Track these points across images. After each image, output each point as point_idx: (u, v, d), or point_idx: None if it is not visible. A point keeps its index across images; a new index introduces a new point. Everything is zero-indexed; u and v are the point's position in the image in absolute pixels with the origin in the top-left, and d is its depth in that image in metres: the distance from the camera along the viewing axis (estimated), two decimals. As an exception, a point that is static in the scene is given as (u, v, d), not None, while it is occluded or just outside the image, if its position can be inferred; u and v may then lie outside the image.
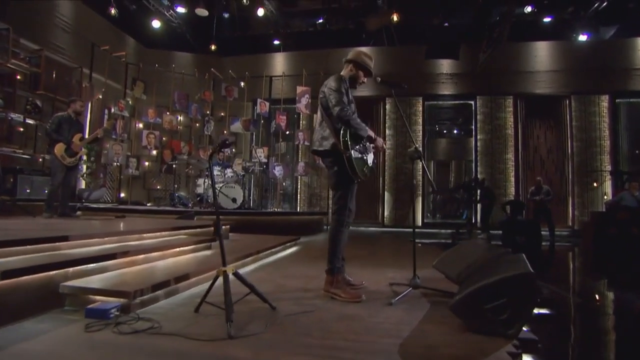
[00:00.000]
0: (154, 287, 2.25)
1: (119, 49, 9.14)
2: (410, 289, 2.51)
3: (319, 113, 2.62)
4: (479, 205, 9.31)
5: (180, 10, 10.43)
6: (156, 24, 10.35)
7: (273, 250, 4.49)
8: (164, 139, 9.47)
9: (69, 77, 7.34)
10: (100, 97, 8.74)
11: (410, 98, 10.55)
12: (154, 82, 9.13)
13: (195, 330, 1.76)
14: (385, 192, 10.61)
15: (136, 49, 10.97)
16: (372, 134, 2.53)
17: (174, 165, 8.44)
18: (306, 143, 8.97)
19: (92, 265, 2.29)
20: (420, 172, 10.58)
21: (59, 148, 4.70)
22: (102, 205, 6.98)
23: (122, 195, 9.62)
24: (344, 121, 2.39)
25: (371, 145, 2.65)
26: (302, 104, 9.06)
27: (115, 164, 8.35)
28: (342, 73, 2.62)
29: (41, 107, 6.59)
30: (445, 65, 10.39)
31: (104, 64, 8.25)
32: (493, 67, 9.89)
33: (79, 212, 6.46)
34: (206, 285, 2.12)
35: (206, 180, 7.56)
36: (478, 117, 10.25)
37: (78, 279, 2.18)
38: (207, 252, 3.70)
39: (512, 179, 9.92)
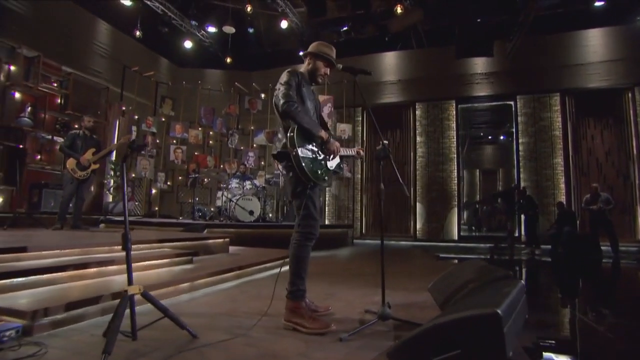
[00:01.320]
0: (81, 302, 2.06)
1: (152, 70, 9.64)
2: (376, 319, 2.05)
3: None
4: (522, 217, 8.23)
5: (211, 29, 10.83)
6: (188, 44, 10.81)
7: (267, 265, 4.18)
8: (195, 153, 9.78)
9: (97, 97, 7.82)
10: (136, 117, 9.23)
11: (442, 102, 9.82)
12: (182, 99, 9.49)
13: (73, 363, 1.49)
14: (417, 204, 9.88)
15: (170, 68, 11.57)
16: (324, 135, 2.18)
17: (205, 179, 8.59)
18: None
19: (20, 279, 2.15)
20: (456, 181, 9.76)
21: (71, 162, 4.90)
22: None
23: (157, 208, 10.02)
24: (289, 116, 2.11)
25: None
26: (325, 112, 8.83)
27: (145, 178, 8.73)
28: (301, 69, 2.35)
29: (70, 126, 7.05)
30: (480, 65, 9.53)
31: (136, 84, 8.73)
32: (534, 62, 8.87)
33: (102, 225, 6.76)
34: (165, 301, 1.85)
35: (225, 192, 7.54)
36: (519, 118, 9.18)
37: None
38: (187, 266, 3.49)
39: (562, 186, 8.64)
